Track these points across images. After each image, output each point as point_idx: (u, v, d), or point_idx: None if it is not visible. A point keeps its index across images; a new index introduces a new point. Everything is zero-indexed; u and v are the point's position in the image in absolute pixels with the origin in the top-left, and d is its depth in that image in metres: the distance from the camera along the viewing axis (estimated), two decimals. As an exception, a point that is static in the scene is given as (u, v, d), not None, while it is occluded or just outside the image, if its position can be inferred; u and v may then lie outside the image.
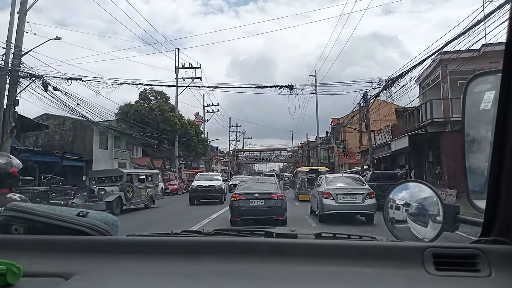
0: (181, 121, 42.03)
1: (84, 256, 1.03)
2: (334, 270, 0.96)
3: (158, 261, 1.02)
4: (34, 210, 1.18)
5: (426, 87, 20.57)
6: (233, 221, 11.07)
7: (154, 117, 39.42)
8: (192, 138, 42.41)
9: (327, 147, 49.17)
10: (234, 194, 11.61)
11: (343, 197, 11.73)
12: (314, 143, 58.87)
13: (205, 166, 60.74)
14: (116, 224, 1.28)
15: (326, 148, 51.58)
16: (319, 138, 51.96)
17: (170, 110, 41.40)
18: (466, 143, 1.18)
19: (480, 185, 1.12)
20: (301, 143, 78.30)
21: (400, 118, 25.91)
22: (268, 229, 1.41)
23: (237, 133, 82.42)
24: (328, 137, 47.53)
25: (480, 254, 0.96)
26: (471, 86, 1.17)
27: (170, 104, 42.87)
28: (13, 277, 0.87)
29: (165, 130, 38.97)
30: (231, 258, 1.02)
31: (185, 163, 57.44)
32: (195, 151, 44.24)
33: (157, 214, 16.02)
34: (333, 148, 47.44)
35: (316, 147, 51.98)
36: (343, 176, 13.87)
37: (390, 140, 22.88)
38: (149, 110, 39.58)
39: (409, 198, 1.35)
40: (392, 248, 1.06)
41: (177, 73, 41.85)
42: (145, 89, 42.82)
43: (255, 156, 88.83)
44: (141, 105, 40.80)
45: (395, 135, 22.79)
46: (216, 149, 75.43)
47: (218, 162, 76.84)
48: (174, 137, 40.53)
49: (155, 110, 39.39)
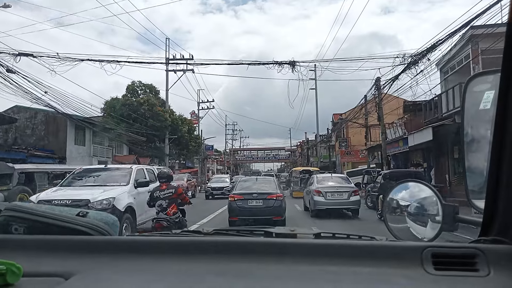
0: (172, 117, 39.09)
1: (83, 256, 1.03)
2: (334, 270, 0.96)
3: (158, 261, 1.02)
4: (34, 210, 1.18)
5: (449, 72, 17.69)
6: (231, 221, 10.81)
7: (142, 112, 36.51)
8: (184, 135, 39.41)
9: (328, 145, 46.35)
10: (232, 194, 11.39)
11: (331, 194, 13.25)
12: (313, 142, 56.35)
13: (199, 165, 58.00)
14: (115, 224, 1.27)
15: (326, 147, 48.79)
16: (318, 135, 49.24)
17: (160, 104, 38.49)
18: (466, 142, 1.19)
19: (479, 185, 1.11)
20: (300, 142, 75.65)
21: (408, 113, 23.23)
22: (268, 229, 1.39)
23: (233, 131, 79.57)
24: (329, 135, 44.65)
25: (479, 253, 0.96)
26: (471, 85, 1.18)
27: (161, 99, 39.94)
28: (13, 277, 0.87)
29: (154, 126, 36.09)
30: (230, 258, 1.02)
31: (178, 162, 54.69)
32: (187, 149, 41.16)
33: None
34: (334, 146, 44.62)
35: (316, 145, 49.23)
36: (332, 176, 15.56)
37: (407, 134, 19.93)
38: (136, 104, 36.65)
39: (408, 198, 1.35)
40: (391, 248, 1.06)
41: (167, 65, 39.00)
42: (133, 82, 39.98)
43: (252, 155, 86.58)
44: (128, 99, 37.86)
45: (410, 129, 19.87)
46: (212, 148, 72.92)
47: (213, 161, 74.23)
48: (164, 134, 37.63)
49: (143, 105, 36.45)
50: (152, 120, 36.08)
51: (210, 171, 69.50)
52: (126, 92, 38.85)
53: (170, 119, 38.20)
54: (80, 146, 23.99)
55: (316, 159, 50.84)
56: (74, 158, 22.68)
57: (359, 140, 36.23)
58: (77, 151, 23.51)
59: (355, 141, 36.90)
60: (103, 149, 26.30)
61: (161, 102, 39.27)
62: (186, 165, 59.99)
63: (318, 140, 49.05)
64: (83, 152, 24.08)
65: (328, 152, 46.62)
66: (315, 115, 42.65)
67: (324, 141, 48.61)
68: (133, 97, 38.43)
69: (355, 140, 36.71)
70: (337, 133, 40.31)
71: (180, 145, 40.96)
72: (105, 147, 26.59)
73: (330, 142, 45.92)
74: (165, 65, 39.59)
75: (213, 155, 71.57)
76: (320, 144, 48.91)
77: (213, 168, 73.40)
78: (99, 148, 25.67)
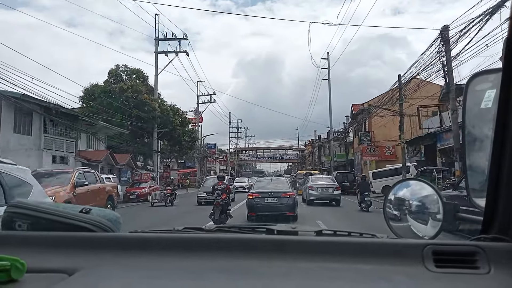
0: (162, 107, 33.24)
1: (87, 252, 1.04)
2: (335, 267, 0.97)
3: (160, 257, 1.03)
4: (38, 206, 1.19)
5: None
6: (249, 216, 12.11)
7: (125, 99, 30.71)
8: (176, 128, 33.49)
9: (344, 142, 40.19)
10: (250, 193, 12.72)
11: (321, 189, 18.61)
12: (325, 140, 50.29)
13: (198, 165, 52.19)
14: (118, 220, 1.28)
15: (340, 144, 42.72)
16: (331, 131, 43.18)
17: (148, 92, 32.68)
18: (467, 141, 1.19)
19: (480, 183, 1.13)
20: (309, 140, 69.59)
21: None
22: (269, 226, 1.39)
23: (238, 129, 73.63)
24: (346, 129, 38.46)
25: (479, 251, 0.97)
26: (472, 84, 1.18)
27: (149, 86, 34.11)
28: (17, 273, 0.88)
29: (139, 116, 30.28)
30: (232, 255, 1.03)
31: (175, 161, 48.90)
32: (179, 145, 35.22)
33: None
34: (352, 143, 38.46)
35: (329, 142, 43.14)
36: (322, 177, 22.54)
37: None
38: (119, 91, 30.86)
39: (409, 196, 1.35)
40: (392, 245, 1.06)
41: (157, 46, 33.21)
42: (117, 65, 34.19)
43: (258, 155, 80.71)
44: (109, 85, 32.08)
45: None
46: (214, 146, 67.22)
47: (215, 161, 68.57)
48: (152, 126, 31.79)
49: (126, 91, 30.64)
50: (137, 110, 30.29)
51: (212, 171, 63.71)
52: (108, 78, 33.04)
53: (160, 109, 32.36)
54: (24, 135, 18.09)
55: (329, 158, 44.74)
56: (16, 151, 16.80)
57: (385, 135, 30.12)
58: (19, 142, 17.63)
59: (379, 136, 30.80)
60: (61, 141, 20.35)
61: (149, 89, 33.48)
62: (185, 164, 54.26)
63: (331, 137, 42.99)
64: (29, 144, 18.16)
65: (345, 150, 40.40)
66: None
67: (338, 139, 42.52)
68: (116, 83, 32.60)
69: (380, 135, 30.60)
70: (357, 127, 34.10)
71: (171, 140, 35.04)
72: (65, 139, 20.61)
73: (346, 138, 39.79)
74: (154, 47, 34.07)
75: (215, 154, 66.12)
76: (334, 142, 42.85)
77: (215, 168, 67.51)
78: (55, 139, 19.73)
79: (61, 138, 20.34)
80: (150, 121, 31.32)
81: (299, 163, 76.66)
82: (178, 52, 33.20)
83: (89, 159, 21.87)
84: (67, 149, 20.90)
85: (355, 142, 36.49)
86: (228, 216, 11.09)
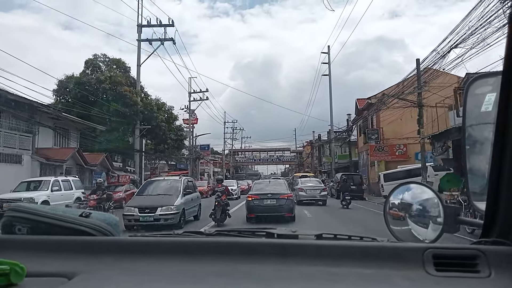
0: (145, 101, 29.79)
1: (87, 256, 1.04)
2: (335, 271, 0.97)
3: (160, 261, 1.03)
4: (37, 210, 1.18)
5: None
6: (248, 217, 12.38)
7: (102, 92, 27.24)
8: (160, 125, 30.01)
9: (347, 141, 36.82)
10: (250, 194, 13.07)
11: (309, 190, 20.46)
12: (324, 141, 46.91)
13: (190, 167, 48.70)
14: (118, 224, 1.27)
15: (342, 144, 39.40)
16: (332, 130, 39.84)
17: (130, 84, 29.23)
18: (467, 144, 1.19)
19: (480, 187, 1.13)
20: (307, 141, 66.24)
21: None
22: (269, 230, 1.38)
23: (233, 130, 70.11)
24: (350, 127, 35.07)
25: (480, 255, 0.96)
26: (472, 88, 1.18)
27: (131, 77, 30.66)
28: (16, 277, 0.88)
29: (119, 111, 26.82)
30: (232, 259, 1.03)
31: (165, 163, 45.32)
32: (164, 143, 31.70)
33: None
34: (357, 142, 35.09)
35: (330, 142, 39.78)
36: (310, 179, 24.24)
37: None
38: (95, 82, 27.40)
39: (410, 200, 1.34)
40: (392, 249, 1.06)
41: (139, 34, 29.77)
42: (95, 55, 30.71)
43: (254, 157, 77.34)
44: (86, 76, 28.61)
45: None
46: (208, 147, 63.74)
47: (209, 163, 65.04)
48: (133, 122, 28.32)
49: (103, 83, 27.18)
50: (116, 104, 26.84)
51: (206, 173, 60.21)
52: (85, 68, 29.56)
53: (142, 103, 28.91)
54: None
55: (329, 159, 41.37)
56: None
57: (395, 132, 26.74)
58: None
59: (388, 133, 27.44)
60: (13, 135, 16.76)
61: (132, 82, 30.03)
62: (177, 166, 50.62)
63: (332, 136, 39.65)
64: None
65: (349, 150, 37.01)
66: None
67: (340, 139, 39.18)
68: (94, 74, 29.12)
69: (389, 132, 27.24)
70: (362, 124, 30.71)
71: (156, 138, 31.56)
72: (17, 134, 17.03)
73: (349, 137, 36.43)
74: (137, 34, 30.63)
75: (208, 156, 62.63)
76: (336, 142, 39.50)
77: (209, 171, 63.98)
78: (3, 133, 16.14)
79: (11, 132, 16.78)
80: (131, 116, 27.88)
81: (296, 165, 73.42)
82: (164, 40, 29.83)
83: (51, 157, 18.34)
84: (20, 146, 17.33)
85: (360, 141, 33.10)
86: (227, 216, 11.73)
